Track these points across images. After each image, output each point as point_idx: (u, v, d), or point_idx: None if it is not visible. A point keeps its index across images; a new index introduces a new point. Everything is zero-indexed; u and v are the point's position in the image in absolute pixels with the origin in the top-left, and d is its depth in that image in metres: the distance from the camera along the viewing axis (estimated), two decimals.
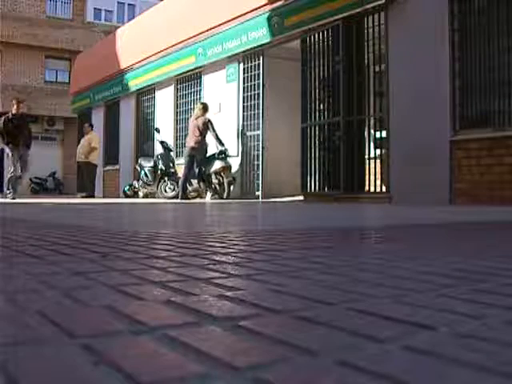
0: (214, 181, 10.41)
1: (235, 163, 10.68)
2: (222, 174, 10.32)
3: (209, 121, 10.27)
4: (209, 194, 10.51)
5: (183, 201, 9.71)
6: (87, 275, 1.14)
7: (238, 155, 10.81)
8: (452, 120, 6.95)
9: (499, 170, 6.44)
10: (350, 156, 8.36)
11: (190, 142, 10.28)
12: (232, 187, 10.34)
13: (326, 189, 8.85)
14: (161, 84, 13.54)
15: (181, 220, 4.26)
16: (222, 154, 10.45)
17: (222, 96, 11.13)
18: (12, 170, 10.58)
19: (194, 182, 10.63)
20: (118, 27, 18.41)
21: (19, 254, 1.54)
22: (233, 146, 10.79)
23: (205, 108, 10.35)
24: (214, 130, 10.28)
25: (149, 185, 12.64)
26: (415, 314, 0.77)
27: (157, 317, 0.76)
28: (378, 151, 8.32)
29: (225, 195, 10.21)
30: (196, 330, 0.68)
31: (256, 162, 10.58)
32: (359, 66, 8.34)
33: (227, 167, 10.37)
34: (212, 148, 10.52)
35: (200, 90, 12.14)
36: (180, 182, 10.40)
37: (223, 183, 10.31)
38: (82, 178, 14.88)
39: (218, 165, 10.31)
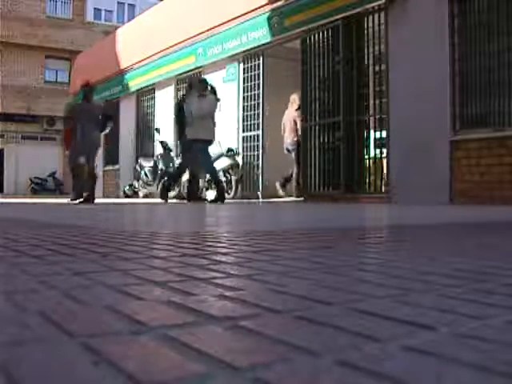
0: (222, 179, 10.30)
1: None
2: (230, 171, 10.25)
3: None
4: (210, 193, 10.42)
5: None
6: (87, 275, 1.14)
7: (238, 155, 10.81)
8: (452, 120, 6.95)
9: (499, 170, 6.44)
10: (350, 156, 8.36)
11: (290, 137, 9.60)
12: (240, 186, 10.27)
13: (326, 189, 8.85)
14: (161, 84, 13.54)
15: (181, 220, 4.26)
16: (231, 152, 10.39)
17: (222, 96, 11.13)
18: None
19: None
20: (118, 27, 18.41)
21: (19, 253, 1.54)
22: (233, 147, 10.78)
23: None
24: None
25: (149, 185, 12.64)
26: (415, 314, 0.77)
27: (157, 317, 0.76)
28: (378, 151, 8.32)
29: (232, 194, 10.15)
30: (196, 329, 0.68)
31: (256, 162, 10.58)
32: (359, 65, 8.34)
33: (236, 165, 10.30)
34: (213, 147, 10.47)
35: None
36: (295, 178, 9.59)
37: (231, 181, 10.25)
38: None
39: (225, 162, 10.20)
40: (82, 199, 8.47)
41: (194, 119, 8.55)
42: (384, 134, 8.01)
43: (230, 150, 10.42)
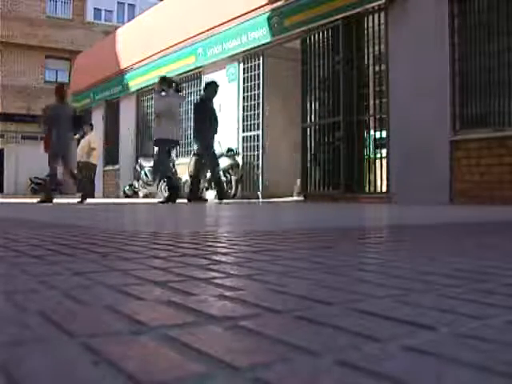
0: (222, 179, 10.29)
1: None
2: (230, 171, 10.26)
3: None
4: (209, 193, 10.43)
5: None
6: (87, 275, 1.14)
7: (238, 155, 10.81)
8: (452, 120, 6.95)
9: (499, 170, 6.44)
10: (350, 156, 8.36)
11: None
12: (240, 186, 10.28)
13: (326, 188, 8.85)
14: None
15: (181, 220, 4.26)
16: (231, 152, 10.39)
17: (222, 96, 11.12)
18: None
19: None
20: (118, 27, 18.42)
21: (19, 253, 1.54)
22: (233, 147, 10.77)
23: None
24: None
25: (149, 185, 12.63)
26: (415, 314, 0.77)
27: (157, 317, 0.76)
28: (378, 151, 8.33)
29: (232, 194, 10.15)
30: (196, 329, 0.68)
31: (256, 162, 10.58)
32: (359, 66, 8.35)
33: (236, 165, 10.31)
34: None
35: (200, 90, 12.12)
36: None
37: (231, 181, 10.25)
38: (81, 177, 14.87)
39: (225, 162, 10.20)
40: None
41: (156, 118, 8.52)
42: (384, 133, 8.01)
43: (230, 149, 10.43)
